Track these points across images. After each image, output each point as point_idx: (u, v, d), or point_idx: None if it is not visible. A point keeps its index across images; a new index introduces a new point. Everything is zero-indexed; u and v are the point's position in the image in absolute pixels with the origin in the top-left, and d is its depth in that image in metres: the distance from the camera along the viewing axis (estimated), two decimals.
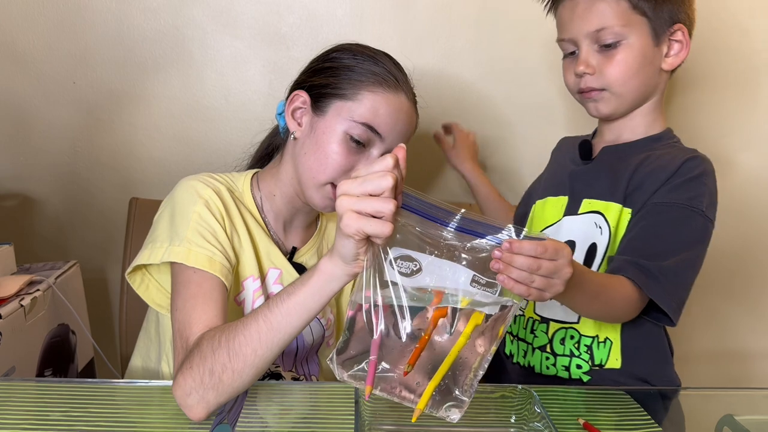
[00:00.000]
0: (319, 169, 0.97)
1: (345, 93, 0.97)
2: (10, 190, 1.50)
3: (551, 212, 1.11)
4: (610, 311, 0.94)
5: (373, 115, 0.95)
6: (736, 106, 1.53)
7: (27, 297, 1.13)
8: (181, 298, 0.88)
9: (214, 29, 1.45)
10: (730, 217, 1.57)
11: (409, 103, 1.00)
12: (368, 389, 0.68)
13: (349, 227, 0.66)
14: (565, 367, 1.04)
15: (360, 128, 0.95)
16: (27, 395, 0.86)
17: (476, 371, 0.69)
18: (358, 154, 0.97)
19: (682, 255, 0.95)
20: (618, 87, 1.01)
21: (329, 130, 0.96)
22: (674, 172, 0.99)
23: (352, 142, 0.96)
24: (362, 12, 1.46)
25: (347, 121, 0.96)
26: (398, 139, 0.98)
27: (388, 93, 0.96)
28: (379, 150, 0.97)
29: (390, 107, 0.96)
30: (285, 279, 1.03)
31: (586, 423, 0.82)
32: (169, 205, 0.97)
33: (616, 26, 0.99)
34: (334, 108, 0.97)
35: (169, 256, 0.90)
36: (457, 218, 0.67)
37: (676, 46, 1.03)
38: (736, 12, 1.48)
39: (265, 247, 1.02)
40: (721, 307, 1.65)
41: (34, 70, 1.45)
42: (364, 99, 0.96)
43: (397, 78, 0.98)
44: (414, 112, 1.01)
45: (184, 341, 0.84)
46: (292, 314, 0.76)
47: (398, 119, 0.97)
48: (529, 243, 0.67)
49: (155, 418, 0.81)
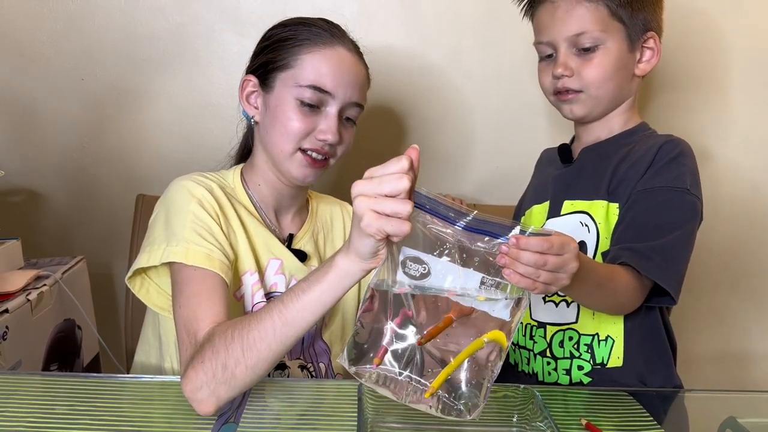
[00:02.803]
0: (282, 140, 1.00)
1: (285, 63, 1.00)
2: (17, 185, 1.50)
3: (536, 219, 1.13)
4: (614, 301, 0.94)
5: (317, 75, 0.98)
6: (712, 104, 1.54)
7: (33, 292, 1.14)
8: (184, 296, 0.88)
9: (221, 27, 1.45)
10: (734, 218, 1.57)
11: (350, 54, 1.01)
12: (377, 360, 0.69)
13: (371, 227, 0.67)
14: (566, 370, 1.04)
15: (308, 91, 0.97)
16: (33, 389, 0.87)
17: (489, 378, 0.70)
18: (314, 116, 0.99)
19: (674, 233, 0.96)
20: (594, 89, 1.03)
21: (281, 102, 0.99)
22: (654, 158, 1.01)
23: (304, 107, 0.98)
24: (369, 11, 1.46)
25: (294, 87, 0.98)
26: (349, 91, 1.00)
27: (325, 49, 0.99)
28: (333, 106, 0.99)
29: (331, 62, 0.98)
30: (287, 268, 1.04)
31: (589, 423, 0.82)
32: (163, 207, 0.98)
33: (594, 31, 1.01)
34: (280, 80, 1.00)
35: (168, 257, 0.90)
36: (467, 218, 0.68)
37: (647, 53, 1.06)
38: (708, 11, 1.49)
39: (263, 238, 1.03)
40: (724, 308, 1.64)
41: (42, 67, 1.45)
42: (304, 63, 0.98)
43: (332, 33, 1.01)
44: (359, 62, 1.03)
45: (192, 337, 0.84)
46: (308, 309, 0.77)
47: (342, 72, 0.99)
48: (535, 239, 0.68)
49: (160, 413, 0.81)
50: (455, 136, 1.53)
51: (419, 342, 0.69)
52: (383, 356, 0.69)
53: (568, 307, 1.04)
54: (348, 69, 1.00)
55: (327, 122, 0.99)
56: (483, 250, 0.69)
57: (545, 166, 1.21)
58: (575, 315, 1.04)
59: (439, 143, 1.53)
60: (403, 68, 1.49)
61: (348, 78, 0.99)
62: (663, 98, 1.52)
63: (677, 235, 0.97)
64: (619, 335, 1.02)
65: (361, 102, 1.03)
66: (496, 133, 1.53)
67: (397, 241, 0.69)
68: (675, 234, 0.96)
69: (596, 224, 1.03)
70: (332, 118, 0.99)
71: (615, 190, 1.03)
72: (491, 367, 0.70)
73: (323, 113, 0.99)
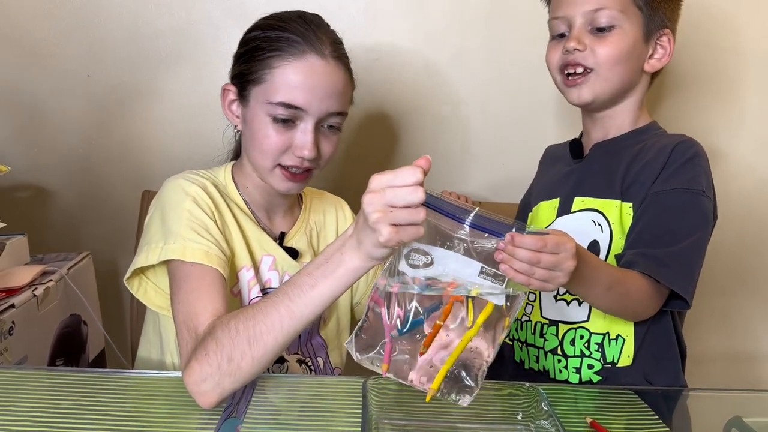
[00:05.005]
0: (261, 156, 0.98)
1: (258, 77, 0.96)
2: (24, 181, 1.51)
3: (544, 215, 1.12)
4: (627, 305, 0.94)
5: (287, 91, 0.94)
6: (723, 103, 1.53)
7: (40, 287, 1.14)
8: (183, 292, 0.88)
9: (227, 24, 1.45)
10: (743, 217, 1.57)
11: (324, 62, 0.95)
12: (385, 367, 0.72)
13: (391, 242, 0.70)
14: (576, 368, 1.04)
15: (279, 108, 0.95)
16: (39, 384, 0.87)
17: (486, 359, 0.72)
18: (290, 131, 0.96)
19: (690, 239, 0.96)
20: (606, 69, 1.01)
21: (256, 119, 0.97)
22: (668, 159, 1.00)
23: (278, 123, 0.96)
24: (375, 8, 1.46)
25: (266, 105, 0.96)
26: (325, 103, 0.96)
27: (296, 61, 0.94)
28: (308, 122, 0.96)
29: (301, 76, 0.94)
30: (279, 264, 1.04)
31: (594, 422, 0.82)
32: (158, 206, 0.98)
33: (614, 9, 1.00)
34: (254, 95, 0.98)
35: (165, 255, 0.91)
36: (471, 216, 0.70)
37: (660, 50, 1.05)
38: (726, 9, 1.48)
39: (255, 235, 1.03)
40: (731, 308, 1.64)
41: (48, 64, 1.46)
42: (274, 78, 0.95)
43: (305, 38, 0.95)
44: (335, 68, 0.96)
45: (192, 331, 0.84)
46: (315, 303, 0.78)
47: (315, 85, 0.94)
48: (530, 237, 0.71)
49: (165, 408, 0.81)
50: (461, 133, 1.53)
51: (421, 353, 0.72)
52: (389, 359, 0.72)
53: (580, 306, 1.04)
54: (321, 81, 0.95)
55: (303, 138, 0.96)
56: (483, 246, 0.71)
57: (551, 162, 1.21)
58: (587, 314, 1.04)
59: (445, 141, 1.52)
60: (409, 66, 1.49)
61: (322, 90, 0.95)
62: (674, 97, 1.52)
63: (693, 240, 0.96)
64: (629, 334, 1.02)
65: (341, 110, 0.99)
66: (502, 132, 1.53)
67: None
68: (691, 239, 0.96)
69: (609, 224, 1.02)
70: (308, 133, 0.96)
71: (628, 190, 1.02)
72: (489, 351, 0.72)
73: (299, 128, 0.96)
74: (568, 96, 1.07)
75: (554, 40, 1.07)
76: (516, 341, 1.12)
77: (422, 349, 0.72)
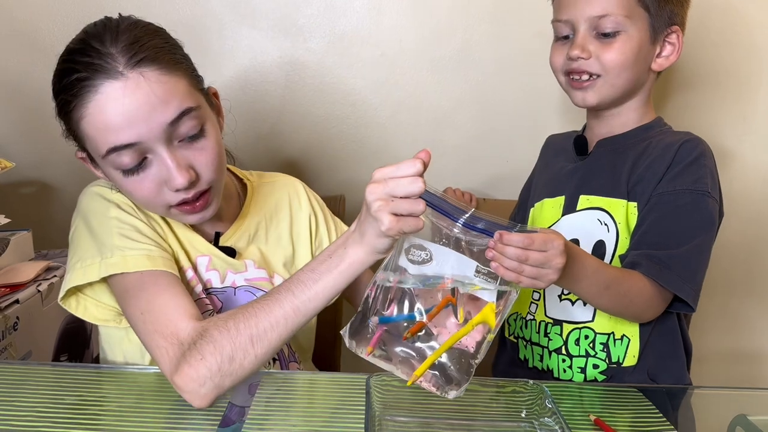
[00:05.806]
0: (148, 208, 0.91)
1: (78, 135, 0.84)
2: (28, 177, 1.51)
3: (549, 213, 1.11)
4: (627, 305, 0.94)
5: (105, 136, 0.80)
6: (731, 101, 1.52)
7: (44, 283, 1.15)
8: (143, 302, 0.84)
9: (232, 20, 1.45)
10: (748, 216, 1.56)
11: (120, 83, 0.79)
12: (369, 349, 0.74)
13: (392, 230, 0.71)
14: (580, 368, 1.03)
15: (116, 159, 0.82)
16: (43, 379, 0.87)
17: (475, 356, 0.73)
18: (150, 169, 0.84)
19: (694, 241, 0.95)
20: (614, 76, 1.00)
21: (111, 177, 0.87)
22: (673, 159, 0.99)
23: (132, 173, 0.84)
24: (380, 4, 1.46)
25: (104, 161, 0.84)
26: (151, 120, 0.80)
27: (91, 102, 0.80)
28: (156, 150, 0.82)
29: (105, 113, 0.79)
30: (215, 264, 0.98)
31: (598, 419, 0.81)
32: (80, 218, 0.92)
33: (619, 15, 0.98)
34: (92, 154, 0.86)
35: (107, 270, 0.85)
36: (466, 215, 0.73)
37: (668, 48, 1.03)
38: (737, 6, 1.47)
39: (186, 236, 0.97)
40: (736, 306, 1.63)
41: (53, 60, 1.44)
42: (87, 131, 0.82)
43: (90, 68, 0.79)
44: (137, 78, 0.79)
45: (171, 338, 0.80)
46: (320, 298, 0.79)
47: (124, 110, 0.79)
48: (517, 235, 0.73)
49: (168, 404, 0.82)
50: (466, 129, 1.53)
51: (404, 338, 0.74)
52: (376, 344, 0.74)
53: (585, 306, 1.03)
54: (130, 103, 0.79)
55: (164, 171, 0.83)
56: (478, 245, 0.74)
57: (554, 155, 1.19)
58: (591, 314, 1.03)
59: (449, 137, 1.52)
60: (414, 61, 1.49)
61: (138, 111, 0.79)
62: (682, 94, 1.51)
63: (697, 242, 0.96)
64: (635, 334, 1.01)
65: (183, 109, 0.82)
66: (506, 127, 1.53)
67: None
68: (695, 241, 0.95)
69: (616, 224, 1.02)
70: (165, 161, 0.83)
71: (633, 189, 1.01)
72: (479, 347, 0.73)
73: (153, 163, 0.83)
74: (572, 97, 1.06)
75: (558, 41, 1.06)
76: (521, 339, 1.12)
77: (407, 334, 0.73)
